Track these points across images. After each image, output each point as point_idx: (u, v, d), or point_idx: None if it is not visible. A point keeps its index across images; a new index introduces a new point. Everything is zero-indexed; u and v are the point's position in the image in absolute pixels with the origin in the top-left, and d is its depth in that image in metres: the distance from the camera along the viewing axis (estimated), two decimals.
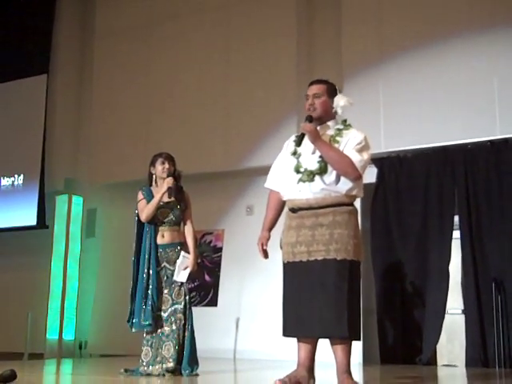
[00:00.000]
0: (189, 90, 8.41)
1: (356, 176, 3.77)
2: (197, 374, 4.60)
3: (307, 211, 3.79)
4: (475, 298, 6.56)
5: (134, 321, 4.69)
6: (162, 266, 4.75)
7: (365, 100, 7.20)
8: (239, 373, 5.65)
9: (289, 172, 3.90)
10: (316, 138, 3.77)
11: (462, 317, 6.76)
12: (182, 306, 4.66)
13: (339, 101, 3.90)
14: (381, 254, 7.16)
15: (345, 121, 3.97)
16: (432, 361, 6.79)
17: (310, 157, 3.83)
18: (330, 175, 3.76)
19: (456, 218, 6.89)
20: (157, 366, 4.55)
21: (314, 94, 3.92)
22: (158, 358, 4.57)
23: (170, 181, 4.79)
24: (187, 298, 4.72)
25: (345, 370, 3.70)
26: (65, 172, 9.28)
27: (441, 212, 6.94)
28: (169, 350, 4.56)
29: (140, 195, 4.90)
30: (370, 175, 7.32)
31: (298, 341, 3.85)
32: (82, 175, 9.20)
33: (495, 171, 6.73)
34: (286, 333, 3.84)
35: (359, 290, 3.82)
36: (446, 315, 6.74)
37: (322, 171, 3.76)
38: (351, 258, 3.71)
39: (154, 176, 4.94)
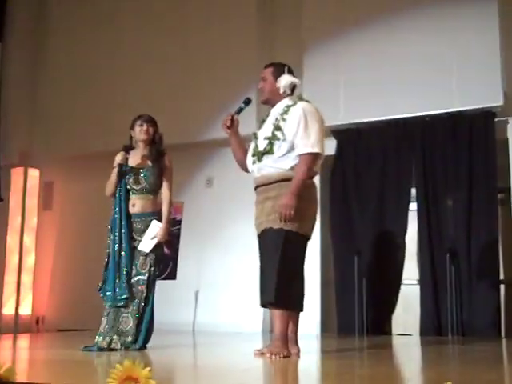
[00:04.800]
0: (148, 62, 8.29)
1: (316, 157, 3.93)
2: (145, 348, 4.41)
3: (261, 188, 4.03)
4: (430, 269, 6.71)
5: (107, 294, 4.44)
6: (131, 236, 4.48)
7: (324, 74, 7.25)
8: (199, 346, 5.67)
9: (249, 154, 4.16)
10: (291, 196, 3.81)
11: (417, 287, 6.90)
12: (145, 278, 4.42)
13: (281, 81, 4.08)
14: (339, 225, 7.24)
15: (299, 97, 4.13)
16: (388, 330, 6.93)
17: (262, 140, 4.04)
18: (276, 154, 3.95)
19: (413, 191, 7.00)
20: (113, 338, 4.35)
21: (262, 77, 4.17)
22: (114, 329, 4.37)
23: (118, 157, 4.52)
24: (152, 269, 4.47)
25: (278, 338, 3.82)
26: (20, 144, 9.07)
27: (398, 184, 7.04)
28: (127, 323, 4.39)
29: (115, 162, 4.56)
30: (329, 148, 7.37)
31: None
32: (38, 148, 9.00)
33: (452, 144, 6.83)
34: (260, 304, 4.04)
35: (299, 261, 3.94)
36: (401, 286, 6.89)
37: (268, 151, 3.96)
38: (288, 228, 3.83)
39: (133, 140, 4.64)
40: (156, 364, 3.66)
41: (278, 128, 3.96)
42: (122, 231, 4.48)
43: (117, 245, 4.48)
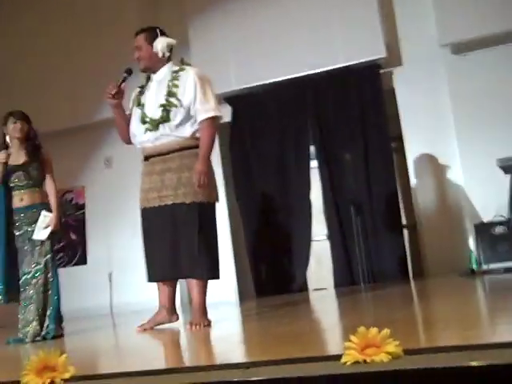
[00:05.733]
0: (32, 43, 7.95)
1: (217, 120, 3.94)
2: (62, 335, 4.45)
3: (156, 158, 3.90)
4: (337, 223, 6.90)
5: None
6: (24, 230, 4.51)
7: (212, 39, 7.20)
8: (118, 326, 5.62)
9: (136, 123, 3.98)
10: (204, 162, 3.80)
11: (328, 242, 7.07)
12: (42, 266, 4.45)
13: (157, 45, 3.98)
14: (244, 191, 7.30)
15: (181, 60, 4.07)
16: (304, 287, 7.09)
17: (153, 107, 3.91)
18: (173, 121, 3.85)
19: (312, 148, 7.13)
20: (26, 330, 4.36)
21: (136, 46, 4.03)
22: (23, 322, 4.40)
23: (1, 155, 4.52)
24: (48, 256, 4.49)
25: (198, 309, 3.84)
26: None
27: (297, 143, 7.14)
28: (30, 312, 4.39)
29: None
30: (225, 115, 7.37)
31: (158, 284, 4.01)
32: None
33: (343, 99, 6.99)
34: (149, 279, 4.00)
35: (213, 230, 3.94)
36: (312, 242, 7.05)
37: (165, 119, 3.85)
38: (200, 201, 3.82)
39: (5, 136, 4.62)
40: (73, 350, 3.60)
41: (171, 94, 3.87)
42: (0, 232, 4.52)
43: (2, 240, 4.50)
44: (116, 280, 7.56)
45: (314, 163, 7.15)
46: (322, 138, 7.04)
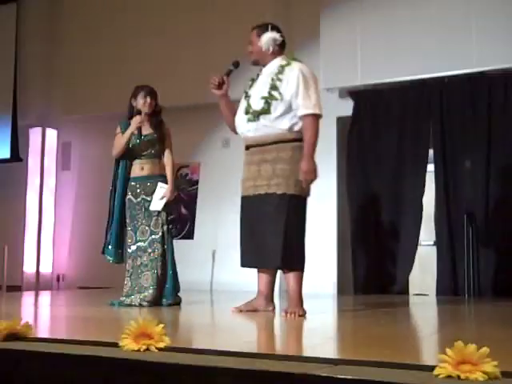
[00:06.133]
0: (164, 23, 8.21)
1: (318, 118, 3.94)
2: (177, 303, 4.65)
3: (255, 148, 4.01)
4: (447, 230, 6.71)
5: (109, 248, 4.75)
6: (141, 198, 4.70)
7: (342, 33, 7.17)
8: (216, 303, 5.75)
9: (240, 112, 4.12)
10: (309, 160, 3.84)
11: (434, 248, 6.90)
12: (159, 236, 4.63)
13: (263, 39, 4.09)
14: (356, 186, 7.24)
15: (292, 56, 4.16)
16: (404, 290, 6.96)
17: (257, 98, 4.01)
18: (273, 114, 3.93)
19: (431, 152, 6.95)
20: (135, 296, 4.54)
21: (249, 41, 4.17)
22: (137, 288, 4.57)
23: (137, 119, 4.70)
24: (165, 227, 4.68)
25: (294, 297, 3.90)
26: (38, 105, 9.10)
27: (416, 145, 7.00)
28: (147, 279, 4.56)
29: (118, 129, 4.81)
30: (347, 108, 7.32)
31: (258, 271, 4.10)
32: (55, 108, 9.03)
33: (470, 105, 6.76)
34: (241, 264, 4.12)
35: (301, 223, 3.96)
36: (418, 246, 6.89)
37: (265, 111, 3.94)
38: (292, 193, 3.89)
39: (134, 108, 4.80)
40: (171, 321, 3.72)
41: (274, 88, 3.95)
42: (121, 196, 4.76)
43: (115, 205, 4.75)
44: (219, 258, 7.71)
45: (430, 167, 6.97)
46: (443, 143, 6.84)
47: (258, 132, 3.99)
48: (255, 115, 3.97)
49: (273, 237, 3.87)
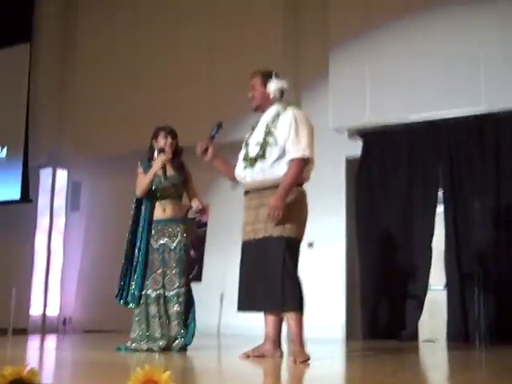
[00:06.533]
0: (175, 63, 8.32)
1: (306, 162, 4.00)
2: (184, 348, 4.53)
3: (254, 193, 4.11)
4: (457, 273, 6.61)
5: (135, 293, 4.59)
6: (162, 242, 4.62)
7: (350, 73, 7.22)
8: (224, 348, 5.69)
9: (239, 160, 4.24)
10: (280, 198, 3.89)
11: (444, 292, 6.80)
12: (184, 289, 4.61)
13: (271, 86, 4.18)
14: (365, 227, 7.19)
15: (289, 102, 4.26)
16: (414, 336, 6.86)
17: (254, 145, 4.11)
18: (268, 159, 4.01)
19: (440, 193, 6.93)
20: (144, 342, 4.45)
21: (251, 86, 4.27)
22: (147, 335, 4.49)
23: (163, 158, 4.63)
24: (182, 280, 4.62)
25: (295, 342, 3.91)
26: (49, 145, 9.18)
27: (425, 186, 6.97)
28: (157, 328, 4.49)
29: (140, 169, 4.74)
30: (356, 149, 7.33)
31: (264, 314, 4.14)
32: (66, 148, 9.11)
33: (479, 146, 6.76)
34: (238, 308, 4.17)
35: (294, 263, 4.00)
36: (428, 290, 6.81)
37: (260, 157, 4.04)
38: (287, 236, 3.93)
39: (155, 150, 4.74)
40: (178, 367, 3.67)
41: (269, 133, 4.05)
42: (144, 238, 4.65)
43: (140, 252, 4.62)
44: (227, 301, 7.64)
45: (439, 208, 6.93)
46: (452, 184, 6.82)
47: (256, 177, 4.06)
48: (252, 161, 4.07)
49: (269, 280, 3.91)
